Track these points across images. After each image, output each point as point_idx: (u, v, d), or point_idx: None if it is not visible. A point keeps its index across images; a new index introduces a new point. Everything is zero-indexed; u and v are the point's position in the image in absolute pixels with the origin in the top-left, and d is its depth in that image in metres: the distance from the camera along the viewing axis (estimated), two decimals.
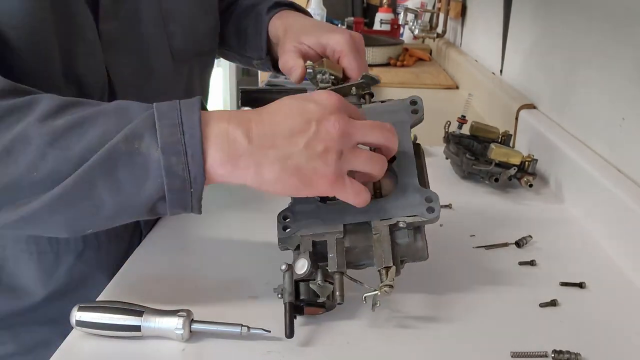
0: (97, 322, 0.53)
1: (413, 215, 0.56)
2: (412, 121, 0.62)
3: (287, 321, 0.54)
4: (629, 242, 0.70)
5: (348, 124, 0.51)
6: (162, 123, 0.49)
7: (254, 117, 0.52)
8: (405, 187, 0.58)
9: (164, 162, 0.48)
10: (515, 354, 0.54)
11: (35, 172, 0.47)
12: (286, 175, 0.51)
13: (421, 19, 2.12)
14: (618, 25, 0.82)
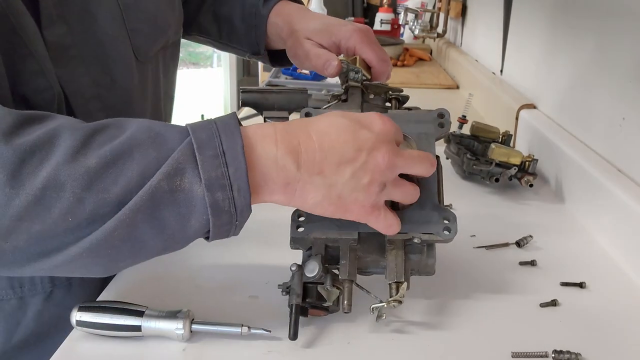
0: (98, 322, 0.54)
1: (429, 233, 0.56)
2: (438, 134, 0.61)
3: (292, 323, 0.53)
4: (629, 242, 0.70)
5: (397, 156, 0.50)
6: (203, 155, 0.45)
7: (302, 137, 0.49)
8: (424, 202, 0.57)
9: (209, 200, 0.45)
10: (516, 354, 0.54)
11: (71, 218, 0.43)
12: (328, 201, 0.50)
13: (421, 18, 2.12)
14: (618, 25, 0.82)
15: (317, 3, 2.31)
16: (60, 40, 0.59)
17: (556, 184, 0.92)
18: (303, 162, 0.48)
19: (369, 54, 0.73)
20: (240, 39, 0.86)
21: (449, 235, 0.56)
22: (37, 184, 0.42)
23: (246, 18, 0.83)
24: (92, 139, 0.45)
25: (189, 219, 0.46)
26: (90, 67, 0.63)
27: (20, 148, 0.43)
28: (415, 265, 0.58)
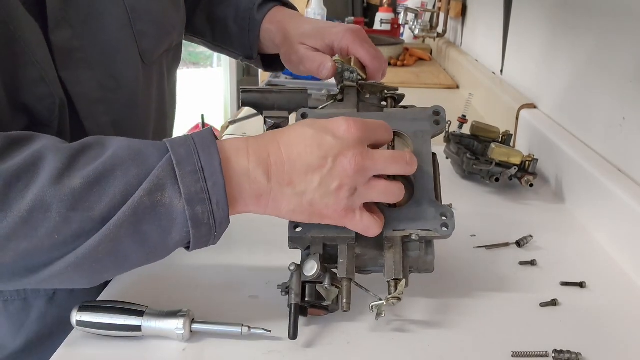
0: (98, 322, 0.54)
1: (427, 230, 0.56)
2: (434, 132, 0.61)
3: (292, 322, 0.53)
4: (629, 241, 0.70)
5: (365, 159, 0.51)
6: (182, 171, 0.47)
7: (272, 150, 0.51)
8: (420, 199, 0.57)
9: (189, 213, 0.47)
10: (516, 354, 0.54)
11: (57, 236, 0.45)
12: (301, 209, 0.51)
13: (421, 18, 2.12)
14: (618, 25, 0.82)
15: (317, 3, 2.31)
16: (66, 43, 0.60)
17: (556, 183, 0.92)
18: (273, 174, 0.50)
19: (362, 53, 0.73)
20: (233, 42, 0.86)
21: (446, 232, 0.56)
22: (24, 206, 0.44)
23: (240, 22, 0.84)
24: (76, 159, 0.47)
25: (170, 231, 0.48)
26: (96, 70, 0.63)
27: (5, 173, 0.44)
28: (414, 263, 0.58)
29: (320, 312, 0.57)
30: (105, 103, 0.65)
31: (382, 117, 0.61)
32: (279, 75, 1.65)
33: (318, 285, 0.55)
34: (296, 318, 0.54)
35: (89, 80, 0.63)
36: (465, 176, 0.96)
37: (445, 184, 0.95)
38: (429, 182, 0.58)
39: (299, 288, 0.55)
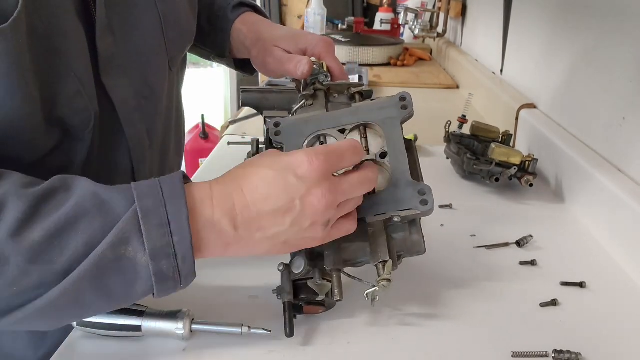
0: (98, 322, 0.54)
1: (407, 209, 0.56)
2: (402, 117, 0.61)
3: (287, 320, 0.54)
4: (629, 241, 0.70)
5: (333, 194, 0.50)
6: (148, 225, 0.46)
7: (237, 197, 0.49)
8: (397, 181, 0.57)
9: (153, 268, 0.46)
10: (516, 354, 0.54)
11: (16, 287, 0.44)
12: (276, 248, 0.52)
13: (421, 18, 2.12)
14: (618, 25, 0.82)
15: (317, 3, 2.31)
16: (109, 50, 0.59)
17: (556, 183, 0.92)
18: (240, 223, 0.49)
19: (333, 64, 0.76)
20: (205, 39, 0.86)
21: (426, 207, 0.55)
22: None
23: (213, 20, 0.85)
24: (38, 208, 0.45)
25: (133, 285, 0.47)
26: (132, 77, 0.64)
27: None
28: (402, 246, 0.58)
29: (317, 309, 0.58)
30: (140, 110, 0.65)
31: (350, 111, 0.61)
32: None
33: (309, 282, 0.55)
34: (290, 315, 0.54)
35: (127, 87, 0.63)
36: (465, 176, 0.96)
37: (446, 184, 0.95)
38: (403, 164, 0.58)
39: (290, 286, 0.55)
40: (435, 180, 0.96)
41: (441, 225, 0.80)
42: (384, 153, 0.59)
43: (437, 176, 0.98)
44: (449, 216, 0.83)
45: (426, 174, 1.01)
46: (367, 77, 1.64)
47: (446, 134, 1.01)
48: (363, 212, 0.56)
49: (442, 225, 0.80)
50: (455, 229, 0.79)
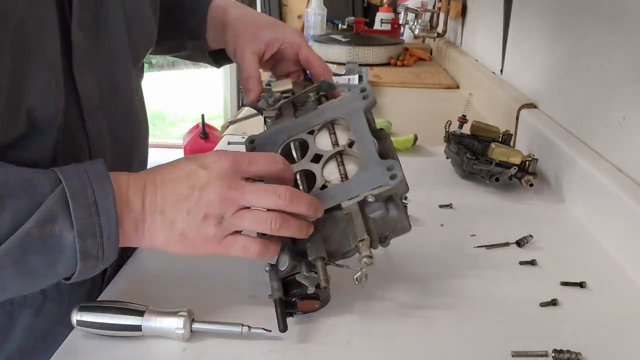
0: (98, 322, 0.54)
1: (378, 187, 0.56)
2: (365, 106, 0.63)
3: (279, 316, 0.54)
4: (629, 241, 0.70)
5: (231, 190, 0.51)
6: (76, 204, 0.47)
7: (148, 180, 0.53)
8: (366, 164, 0.58)
9: (80, 246, 0.48)
10: (516, 354, 0.54)
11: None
12: (173, 240, 0.53)
13: (421, 18, 2.12)
14: (618, 25, 0.82)
15: (317, 3, 2.31)
16: (82, 44, 0.59)
17: (556, 183, 0.92)
18: (147, 202, 0.52)
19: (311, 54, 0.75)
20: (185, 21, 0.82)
21: (395, 181, 0.56)
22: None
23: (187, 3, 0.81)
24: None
25: (56, 264, 0.48)
26: (100, 74, 0.63)
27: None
28: (383, 225, 0.58)
29: (313, 305, 0.58)
30: (104, 109, 0.64)
31: (317, 113, 0.64)
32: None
33: (297, 276, 0.56)
34: (282, 311, 0.55)
35: (94, 83, 0.62)
36: (465, 176, 0.96)
37: (446, 184, 0.95)
38: (370, 148, 0.59)
39: (278, 284, 0.56)
40: (435, 180, 0.97)
41: (441, 225, 0.80)
42: (351, 142, 0.61)
43: (437, 176, 0.98)
44: (449, 216, 0.83)
45: (426, 174, 1.01)
46: (367, 77, 1.64)
47: (446, 133, 1.01)
48: (338, 199, 0.57)
49: (442, 225, 0.80)
50: (455, 229, 0.79)
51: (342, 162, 0.61)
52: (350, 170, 0.60)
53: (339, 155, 0.61)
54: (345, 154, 0.61)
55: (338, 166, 0.61)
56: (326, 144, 0.63)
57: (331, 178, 0.60)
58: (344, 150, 0.61)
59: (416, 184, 0.94)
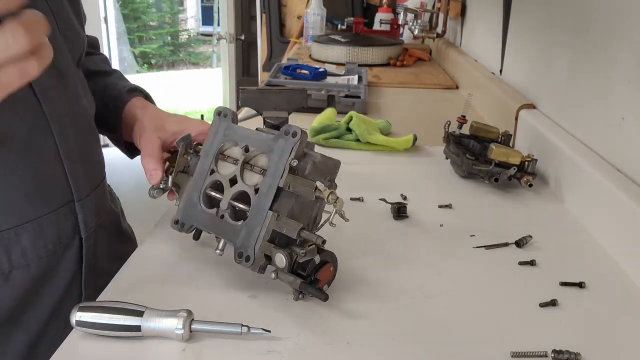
0: (97, 322, 0.53)
1: (290, 151, 0.60)
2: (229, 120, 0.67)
3: (314, 294, 0.57)
4: (629, 242, 0.70)
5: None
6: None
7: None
8: (270, 148, 0.62)
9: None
10: (515, 354, 0.54)
11: None
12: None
13: (421, 18, 2.12)
14: (617, 25, 0.82)
15: (317, 3, 2.31)
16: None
17: (556, 183, 0.92)
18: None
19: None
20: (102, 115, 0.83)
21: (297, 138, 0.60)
22: None
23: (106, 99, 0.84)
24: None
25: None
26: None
27: None
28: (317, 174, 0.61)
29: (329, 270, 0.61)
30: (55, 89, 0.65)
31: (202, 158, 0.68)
32: (279, 75, 1.65)
33: (299, 258, 0.59)
34: (313, 290, 0.57)
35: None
36: (464, 176, 0.96)
37: (445, 184, 0.95)
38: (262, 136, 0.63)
39: (293, 277, 0.58)
40: (435, 180, 0.97)
41: (441, 225, 0.80)
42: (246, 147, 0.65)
43: (436, 176, 0.98)
44: (449, 216, 0.83)
45: (425, 174, 1.01)
46: (367, 78, 1.64)
47: (445, 134, 1.02)
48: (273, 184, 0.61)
49: (442, 225, 0.80)
50: (454, 229, 0.79)
51: (252, 165, 0.65)
52: (263, 164, 0.64)
53: (246, 164, 0.65)
54: (249, 159, 0.65)
55: (252, 169, 0.64)
56: (229, 167, 0.66)
57: (255, 180, 0.64)
58: (245, 158, 0.64)
59: (416, 184, 0.94)
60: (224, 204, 0.64)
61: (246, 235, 0.61)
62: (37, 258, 0.66)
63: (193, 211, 0.66)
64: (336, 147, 1.10)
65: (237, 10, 4.11)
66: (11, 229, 0.63)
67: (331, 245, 0.73)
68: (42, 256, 0.66)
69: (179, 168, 0.71)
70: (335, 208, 0.58)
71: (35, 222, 0.65)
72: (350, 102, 1.35)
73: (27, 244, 0.65)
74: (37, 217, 0.65)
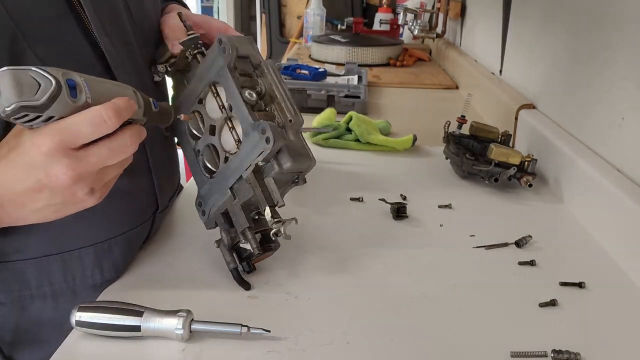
0: (97, 322, 0.53)
1: (260, 153, 0.59)
2: (226, 62, 0.63)
3: (238, 281, 0.63)
4: (628, 242, 0.70)
5: (75, 170, 0.48)
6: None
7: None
8: (246, 130, 0.61)
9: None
10: (515, 354, 0.54)
11: None
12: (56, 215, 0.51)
13: (421, 19, 2.12)
14: (618, 25, 0.82)
15: (317, 3, 2.31)
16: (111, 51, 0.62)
17: (555, 184, 0.92)
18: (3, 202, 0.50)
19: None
20: None
21: (270, 144, 0.58)
22: None
23: None
24: None
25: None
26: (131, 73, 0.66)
27: None
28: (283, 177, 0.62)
29: (265, 256, 0.65)
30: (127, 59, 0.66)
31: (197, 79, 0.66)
32: None
33: (240, 244, 0.62)
34: (239, 277, 0.63)
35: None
36: (464, 176, 0.96)
37: (445, 184, 0.95)
38: (242, 110, 0.61)
39: (230, 255, 0.63)
40: (435, 180, 0.97)
41: (440, 225, 0.80)
42: (229, 106, 0.63)
43: (436, 177, 0.98)
44: (448, 216, 0.83)
45: (425, 174, 1.01)
46: (367, 78, 1.64)
47: (445, 134, 1.02)
48: (238, 171, 0.61)
49: (442, 225, 0.80)
50: (454, 229, 0.79)
51: (232, 127, 0.64)
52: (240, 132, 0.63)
53: (229, 120, 0.63)
54: (233, 118, 0.63)
55: (230, 132, 0.63)
56: (215, 110, 0.65)
57: (229, 147, 0.64)
58: (228, 114, 0.63)
59: (415, 184, 0.94)
60: (201, 144, 0.66)
61: (208, 192, 0.64)
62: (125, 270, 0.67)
63: (181, 125, 0.68)
64: (336, 147, 1.10)
65: (236, 10, 4.11)
66: (105, 242, 0.65)
67: (331, 245, 0.73)
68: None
69: (178, 67, 0.69)
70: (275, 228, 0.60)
71: (127, 235, 0.67)
72: (350, 102, 1.35)
73: (118, 256, 0.66)
74: (127, 230, 0.67)
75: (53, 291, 0.64)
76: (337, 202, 0.86)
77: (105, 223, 0.64)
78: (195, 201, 0.67)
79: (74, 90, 0.47)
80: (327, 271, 0.67)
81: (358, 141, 1.11)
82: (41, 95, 0.45)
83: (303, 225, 0.73)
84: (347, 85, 1.52)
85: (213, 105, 0.65)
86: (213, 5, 3.97)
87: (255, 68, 0.66)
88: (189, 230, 0.76)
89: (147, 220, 0.70)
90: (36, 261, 0.62)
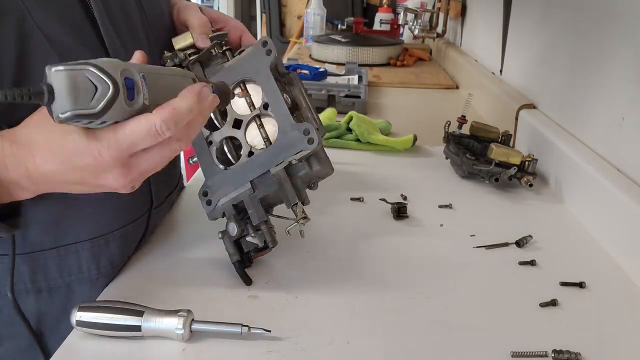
0: (97, 322, 0.53)
1: (298, 152, 0.61)
2: (269, 62, 0.64)
3: (241, 275, 0.63)
4: (628, 242, 0.70)
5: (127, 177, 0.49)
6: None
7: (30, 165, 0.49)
8: (284, 127, 0.62)
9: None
10: (516, 354, 0.54)
11: None
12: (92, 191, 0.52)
13: (421, 18, 2.12)
14: (618, 25, 0.82)
15: (317, 3, 2.31)
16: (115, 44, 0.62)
17: (556, 183, 0.92)
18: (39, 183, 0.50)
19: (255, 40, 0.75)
20: None
21: (313, 145, 0.60)
22: None
23: None
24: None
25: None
26: None
27: None
28: (308, 177, 0.63)
29: (264, 252, 0.65)
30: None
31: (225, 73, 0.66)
32: None
33: (247, 238, 0.62)
34: (242, 271, 0.63)
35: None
36: (464, 176, 0.96)
37: (445, 184, 0.95)
38: (283, 109, 0.63)
39: (233, 248, 0.63)
40: (435, 180, 0.97)
41: (441, 225, 0.80)
42: (266, 104, 0.64)
43: (436, 176, 0.98)
44: (449, 216, 0.83)
45: (426, 174, 1.01)
46: (367, 78, 1.64)
47: (445, 134, 1.02)
48: (266, 166, 0.62)
49: (442, 225, 0.80)
50: (454, 229, 0.79)
51: (261, 125, 0.64)
52: (270, 132, 0.64)
53: (258, 118, 0.64)
54: (263, 116, 0.64)
55: (259, 129, 0.64)
56: (243, 107, 0.65)
57: (255, 143, 0.64)
58: (260, 113, 0.64)
59: (416, 184, 0.94)
60: (218, 136, 0.65)
61: (218, 183, 0.64)
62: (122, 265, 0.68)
63: None
64: (336, 147, 1.10)
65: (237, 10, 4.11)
66: (101, 237, 0.64)
67: (332, 245, 0.73)
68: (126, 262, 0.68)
69: (201, 59, 0.68)
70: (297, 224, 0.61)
71: (123, 230, 0.67)
72: (351, 102, 1.35)
73: (115, 251, 0.66)
74: (123, 226, 0.67)
75: (48, 285, 0.64)
76: (337, 202, 0.86)
77: (101, 218, 0.64)
78: (200, 190, 0.66)
79: (131, 92, 0.44)
80: (328, 271, 0.67)
81: (358, 141, 1.11)
82: (97, 102, 0.42)
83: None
84: (348, 85, 1.52)
85: (241, 101, 0.66)
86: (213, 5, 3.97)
87: (282, 76, 0.67)
88: (190, 229, 0.76)
89: (142, 215, 0.70)
90: (31, 255, 0.61)
